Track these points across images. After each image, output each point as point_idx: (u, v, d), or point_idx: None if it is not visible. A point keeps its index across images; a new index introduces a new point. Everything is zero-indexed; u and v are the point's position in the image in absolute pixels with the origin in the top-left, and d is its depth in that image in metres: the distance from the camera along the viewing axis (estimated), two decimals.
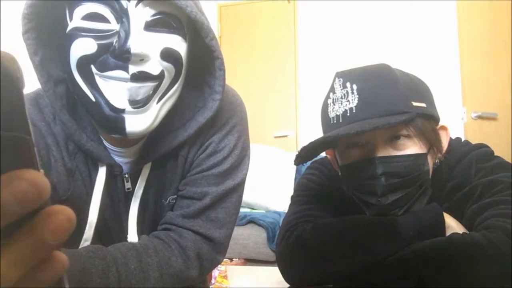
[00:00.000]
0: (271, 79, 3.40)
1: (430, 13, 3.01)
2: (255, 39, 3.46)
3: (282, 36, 3.40)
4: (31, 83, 0.65)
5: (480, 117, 2.82)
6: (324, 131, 0.73)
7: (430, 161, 0.69)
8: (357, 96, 0.66)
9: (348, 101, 0.66)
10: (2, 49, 0.18)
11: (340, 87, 0.69)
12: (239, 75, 3.44)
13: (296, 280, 0.74)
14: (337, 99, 0.69)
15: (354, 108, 0.66)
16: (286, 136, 3.30)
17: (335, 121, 0.68)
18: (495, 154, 0.72)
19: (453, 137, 0.79)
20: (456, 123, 2.81)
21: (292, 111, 3.33)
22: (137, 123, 0.61)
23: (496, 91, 2.88)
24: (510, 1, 2.87)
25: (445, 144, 0.72)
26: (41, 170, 0.19)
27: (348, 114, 0.66)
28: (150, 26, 0.59)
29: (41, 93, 0.69)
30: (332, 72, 0.75)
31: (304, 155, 0.73)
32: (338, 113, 0.68)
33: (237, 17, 3.54)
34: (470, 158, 0.70)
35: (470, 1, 2.86)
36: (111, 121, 0.60)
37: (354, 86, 0.66)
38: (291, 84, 3.35)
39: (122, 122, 0.60)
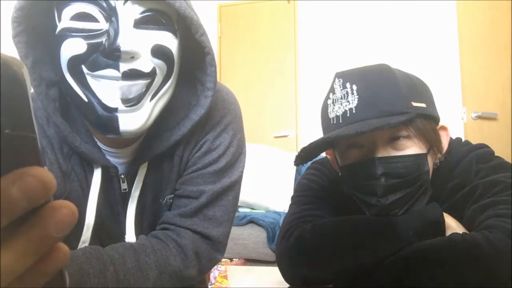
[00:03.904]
0: (271, 79, 3.39)
1: (430, 13, 3.01)
2: (255, 39, 3.46)
3: (282, 36, 3.40)
4: None
5: (480, 117, 2.82)
6: (324, 131, 0.73)
7: (430, 161, 0.69)
8: (357, 96, 0.66)
9: (348, 101, 0.66)
10: (4, 51, 0.18)
11: (340, 87, 0.68)
12: (239, 75, 3.44)
13: (296, 280, 0.74)
14: (337, 99, 0.68)
15: (354, 109, 0.65)
16: (286, 136, 3.30)
17: (335, 122, 0.68)
18: (495, 154, 0.72)
19: (454, 137, 0.79)
20: (456, 123, 2.81)
21: (292, 111, 3.33)
22: (131, 122, 0.60)
23: (496, 91, 2.88)
24: (510, 1, 2.87)
25: (445, 144, 0.72)
26: (45, 167, 0.19)
27: (348, 115, 0.66)
28: (140, 23, 0.59)
29: (33, 96, 0.69)
30: (332, 72, 0.75)
31: (304, 156, 0.73)
32: (338, 114, 0.68)
33: (237, 17, 3.54)
34: (470, 158, 0.70)
35: (470, 1, 2.86)
36: (105, 121, 0.60)
37: (354, 87, 0.66)
38: (291, 84, 3.35)
39: (115, 121, 0.59)
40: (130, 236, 0.71)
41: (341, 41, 3.21)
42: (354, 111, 0.65)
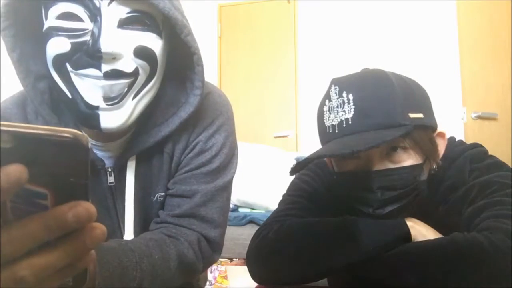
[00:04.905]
0: (271, 79, 3.39)
1: (430, 13, 3.01)
2: (255, 39, 3.46)
3: (282, 36, 3.40)
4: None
5: (480, 117, 2.82)
6: (321, 138, 0.73)
7: (426, 170, 0.68)
8: (353, 107, 0.64)
9: (344, 111, 0.65)
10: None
11: (336, 95, 0.67)
12: (239, 75, 3.44)
13: (259, 279, 0.75)
14: (333, 108, 0.67)
15: (350, 119, 0.65)
16: (286, 136, 3.29)
17: (330, 131, 0.68)
18: (496, 154, 0.72)
19: (452, 137, 0.79)
20: (456, 123, 2.80)
21: (292, 111, 3.32)
22: (112, 119, 0.62)
23: (496, 91, 2.87)
24: (510, 1, 2.87)
25: (442, 150, 0.71)
26: (90, 200, 0.28)
27: (344, 125, 0.65)
28: (124, 24, 0.61)
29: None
30: (332, 72, 0.75)
31: (299, 168, 0.72)
32: (334, 123, 0.67)
33: (237, 17, 3.54)
34: (464, 158, 0.70)
35: (470, 1, 2.86)
36: (87, 117, 0.62)
37: (350, 96, 0.65)
38: (291, 84, 3.35)
39: (96, 118, 0.61)
40: (129, 232, 0.72)
41: (341, 41, 3.21)
42: (350, 122, 0.64)
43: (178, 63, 0.72)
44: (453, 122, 2.79)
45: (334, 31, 3.24)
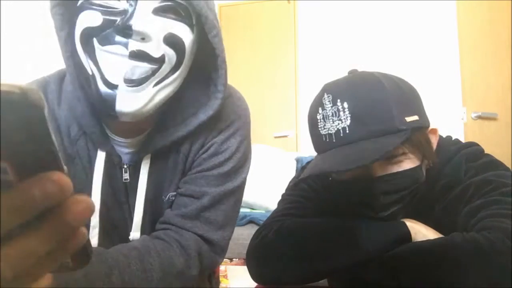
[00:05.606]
0: (271, 79, 3.39)
1: (430, 13, 3.01)
2: (255, 39, 3.46)
3: (282, 36, 3.40)
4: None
5: (480, 117, 2.82)
6: (316, 146, 0.71)
7: (424, 169, 0.69)
8: (349, 115, 0.63)
9: (340, 120, 0.64)
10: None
11: (330, 103, 0.66)
12: (239, 75, 3.44)
13: (259, 279, 0.75)
14: (328, 116, 0.66)
15: (347, 128, 0.64)
16: (286, 136, 3.29)
17: (327, 140, 0.66)
18: (496, 154, 0.72)
19: (452, 137, 0.79)
20: (456, 123, 2.81)
21: (292, 111, 3.32)
22: (129, 102, 0.61)
23: (496, 91, 2.88)
24: (510, 1, 2.87)
25: (434, 145, 0.71)
26: (65, 167, 0.23)
27: (341, 134, 0.64)
28: (159, 11, 0.61)
29: (49, 79, 0.72)
30: (332, 72, 0.75)
31: (303, 182, 0.72)
32: (330, 132, 0.66)
33: (237, 17, 3.54)
34: (460, 157, 0.70)
35: (470, 1, 2.86)
36: (103, 97, 0.61)
37: (345, 104, 0.64)
38: (291, 84, 3.35)
39: (113, 99, 0.60)
40: (136, 230, 0.72)
41: (341, 41, 3.21)
42: (347, 131, 0.64)
43: (202, 63, 0.71)
44: (453, 122, 2.79)
45: (334, 31, 3.24)
